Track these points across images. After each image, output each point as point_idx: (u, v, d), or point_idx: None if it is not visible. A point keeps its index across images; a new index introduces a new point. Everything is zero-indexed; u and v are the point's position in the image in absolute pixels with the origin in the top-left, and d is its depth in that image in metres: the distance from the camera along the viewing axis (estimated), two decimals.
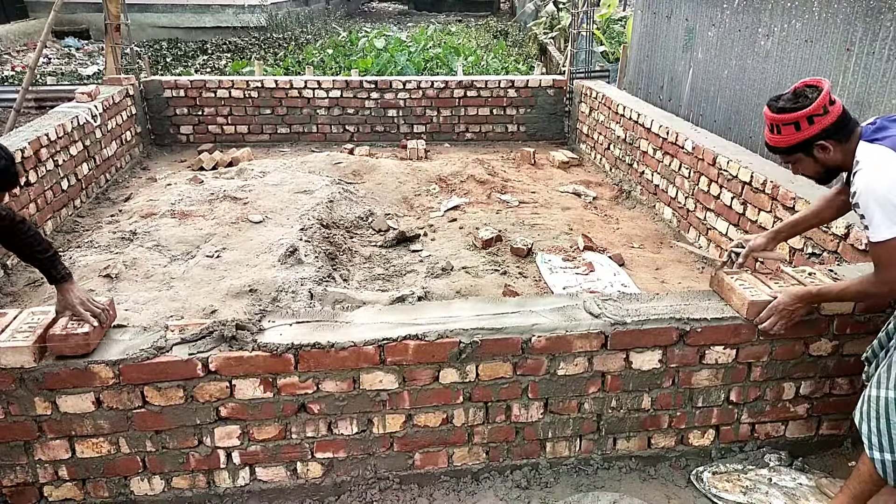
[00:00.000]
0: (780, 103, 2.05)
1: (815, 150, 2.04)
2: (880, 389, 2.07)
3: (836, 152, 2.04)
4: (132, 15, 8.13)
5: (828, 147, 2.02)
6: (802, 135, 2.01)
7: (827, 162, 2.07)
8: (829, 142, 2.02)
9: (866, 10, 3.75)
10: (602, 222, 5.24)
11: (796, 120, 2.00)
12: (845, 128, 2.03)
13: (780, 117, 2.03)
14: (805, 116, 1.99)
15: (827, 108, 2.00)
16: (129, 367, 2.16)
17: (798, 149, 2.06)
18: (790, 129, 2.02)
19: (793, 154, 2.10)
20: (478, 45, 14.80)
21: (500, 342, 2.33)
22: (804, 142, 2.03)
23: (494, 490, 2.52)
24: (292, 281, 3.84)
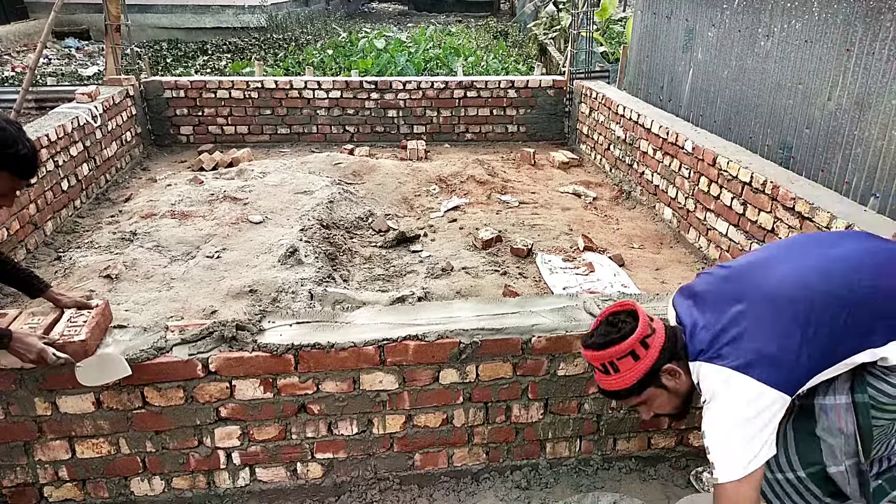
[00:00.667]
0: (599, 339, 1.74)
1: (664, 379, 1.74)
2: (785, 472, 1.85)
3: (685, 375, 1.74)
4: (132, 15, 8.13)
5: (676, 370, 1.73)
6: (645, 364, 1.70)
7: (681, 389, 1.76)
8: (674, 363, 1.73)
9: (866, 10, 3.75)
10: (602, 223, 5.25)
11: (631, 348, 1.69)
12: (677, 340, 1.74)
13: (611, 351, 1.71)
14: (638, 340, 1.69)
15: (652, 327, 1.73)
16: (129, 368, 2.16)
17: (647, 383, 1.73)
18: (627, 361, 1.70)
19: (643, 392, 1.75)
20: (478, 45, 14.81)
21: (501, 342, 2.33)
22: (650, 371, 1.71)
23: (494, 490, 2.52)
24: (292, 281, 3.84)
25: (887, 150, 3.59)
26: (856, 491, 1.83)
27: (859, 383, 1.73)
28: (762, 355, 1.61)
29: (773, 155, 4.54)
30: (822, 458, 1.80)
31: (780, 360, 1.61)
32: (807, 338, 1.63)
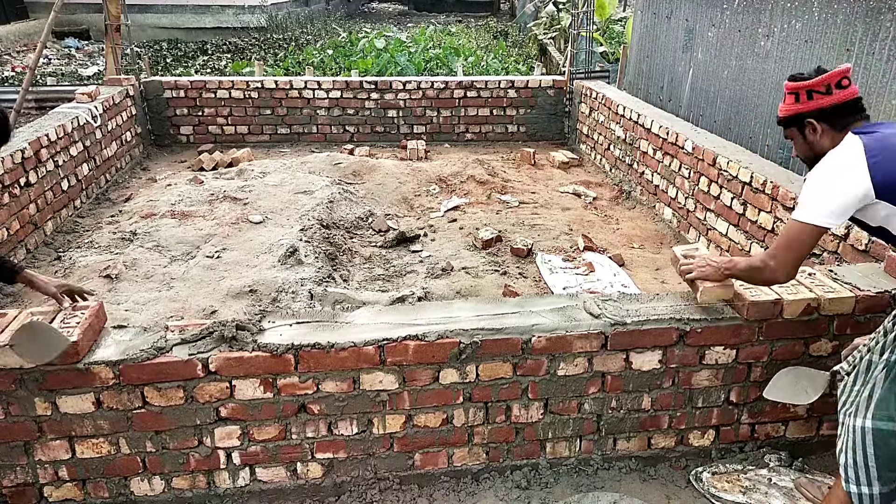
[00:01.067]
0: (797, 73, 2.01)
1: (806, 128, 1.98)
2: (858, 419, 1.96)
3: (825, 137, 1.96)
4: (132, 15, 8.13)
5: (817, 128, 1.96)
6: (797, 107, 1.97)
7: (814, 144, 1.99)
8: (821, 124, 1.95)
9: (866, 10, 3.75)
10: (602, 223, 5.25)
11: (797, 90, 1.96)
12: (844, 116, 1.94)
13: (788, 84, 1.99)
14: (805, 89, 1.94)
15: (831, 89, 1.92)
16: (129, 368, 2.16)
17: (791, 122, 2.01)
18: (791, 98, 1.99)
19: (788, 127, 2.05)
20: (478, 45, 14.81)
21: (500, 342, 2.33)
22: (797, 115, 1.98)
23: (494, 490, 2.52)
24: (292, 281, 3.84)
25: None
26: None
27: None
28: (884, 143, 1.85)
29: (773, 155, 4.54)
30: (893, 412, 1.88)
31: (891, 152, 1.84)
32: None
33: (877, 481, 1.92)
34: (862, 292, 2.48)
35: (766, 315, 2.44)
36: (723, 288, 2.41)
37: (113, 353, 2.17)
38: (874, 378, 1.96)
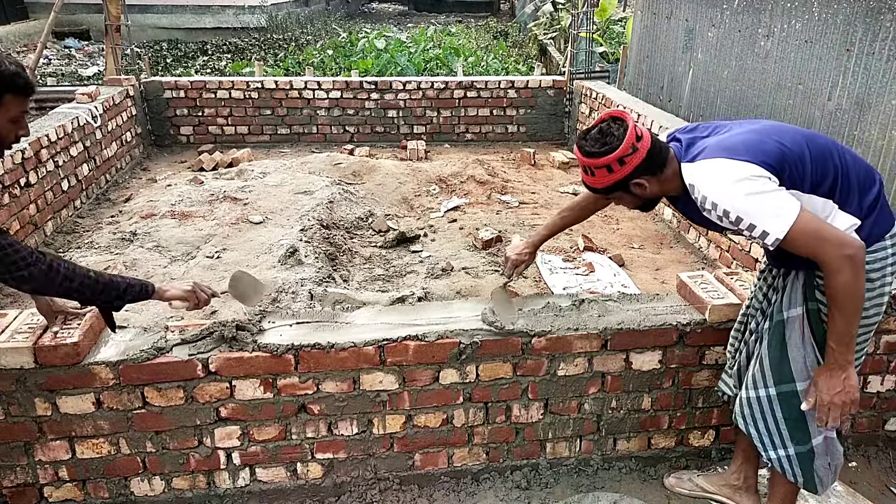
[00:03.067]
0: (588, 146, 1.93)
1: (633, 188, 1.95)
2: (759, 390, 2.05)
3: (653, 185, 1.94)
4: (132, 16, 8.13)
5: (643, 184, 1.93)
6: (615, 176, 1.91)
7: (645, 195, 1.98)
8: (644, 178, 1.92)
9: (866, 10, 3.75)
10: (602, 223, 5.25)
11: (607, 164, 1.89)
12: (658, 159, 1.93)
13: (591, 161, 1.92)
14: (615, 159, 1.88)
15: (635, 146, 1.88)
16: (129, 368, 2.16)
17: (614, 189, 1.97)
18: (602, 172, 1.91)
19: (611, 194, 2.01)
20: (478, 45, 14.81)
21: (501, 342, 2.33)
22: (619, 182, 1.93)
23: (494, 491, 2.52)
24: (292, 281, 3.84)
25: (887, 150, 3.59)
26: None
27: (810, 292, 1.94)
28: (734, 144, 1.83)
29: None
30: (790, 373, 1.98)
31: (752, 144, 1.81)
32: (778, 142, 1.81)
33: (790, 442, 2.02)
34: None
35: None
36: (730, 306, 2.40)
37: (113, 353, 2.18)
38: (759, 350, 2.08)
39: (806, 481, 2.05)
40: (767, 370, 2.04)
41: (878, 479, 2.64)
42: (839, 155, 1.87)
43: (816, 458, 2.01)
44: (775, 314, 2.03)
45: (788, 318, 1.99)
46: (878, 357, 2.60)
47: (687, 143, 1.96)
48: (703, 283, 2.54)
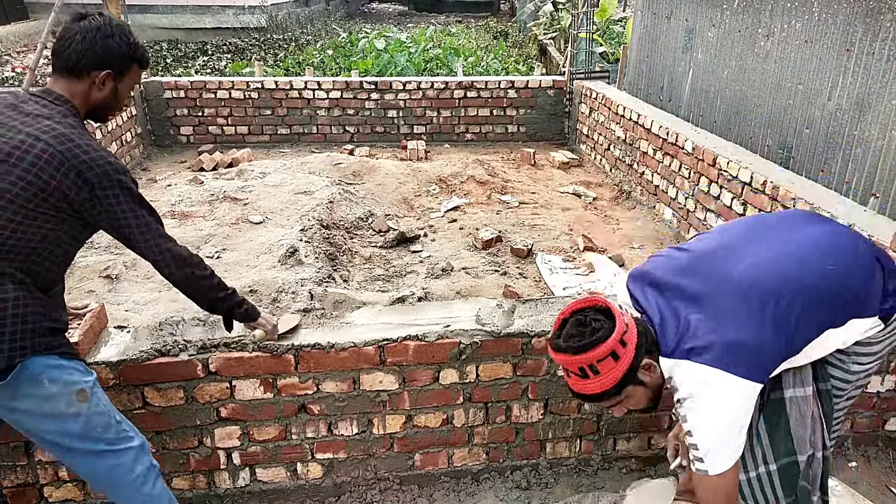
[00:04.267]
0: (574, 342, 1.64)
1: (641, 375, 1.69)
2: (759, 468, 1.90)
3: (656, 366, 1.71)
4: (132, 16, 8.13)
5: (652, 364, 1.69)
6: (624, 363, 1.64)
7: (654, 383, 1.72)
8: (649, 357, 1.69)
9: (866, 10, 3.75)
10: (602, 223, 5.25)
11: (612, 349, 1.62)
12: (647, 333, 1.71)
13: (590, 355, 1.62)
14: (618, 340, 1.62)
15: (626, 322, 1.66)
16: (129, 368, 2.16)
17: (625, 382, 1.67)
18: (608, 362, 1.62)
19: (621, 391, 1.69)
20: (478, 45, 14.81)
21: (501, 343, 2.33)
22: (629, 371, 1.65)
23: (494, 491, 2.52)
24: (292, 281, 3.84)
25: (887, 151, 3.59)
26: (815, 479, 1.93)
27: (821, 372, 1.88)
28: (737, 349, 1.60)
29: (773, 155, 4.54)
30: (794, 449, 1.87)
31: (755, 352, 1.62)
32: (778, 326, 1.64)
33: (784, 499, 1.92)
34: None
35: None
36: None
37: (113, 353, 2.18)
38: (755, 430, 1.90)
39: None
40: (767, 447, 1.89)
41: (878, 479, 2.64)
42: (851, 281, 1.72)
43: None
44: (771, 392, 1.88)
45: (792, 397, 1.85)
46: None
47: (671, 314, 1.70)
48: None
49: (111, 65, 1.80)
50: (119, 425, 1.86)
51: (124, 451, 1.85)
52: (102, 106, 1.85)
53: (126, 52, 1.82)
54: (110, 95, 1.84)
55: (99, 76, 1.79)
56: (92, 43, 1.77)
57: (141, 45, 1.87)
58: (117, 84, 1.84)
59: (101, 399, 1.82)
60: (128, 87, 1.88)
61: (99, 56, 1.78)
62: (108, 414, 1.83)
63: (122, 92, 1.87)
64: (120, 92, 1.86)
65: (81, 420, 1.76)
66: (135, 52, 1.84)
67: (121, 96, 1.87)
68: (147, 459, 1.92)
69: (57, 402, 1.73)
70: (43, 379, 1.70)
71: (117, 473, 1.85)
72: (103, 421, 1.81)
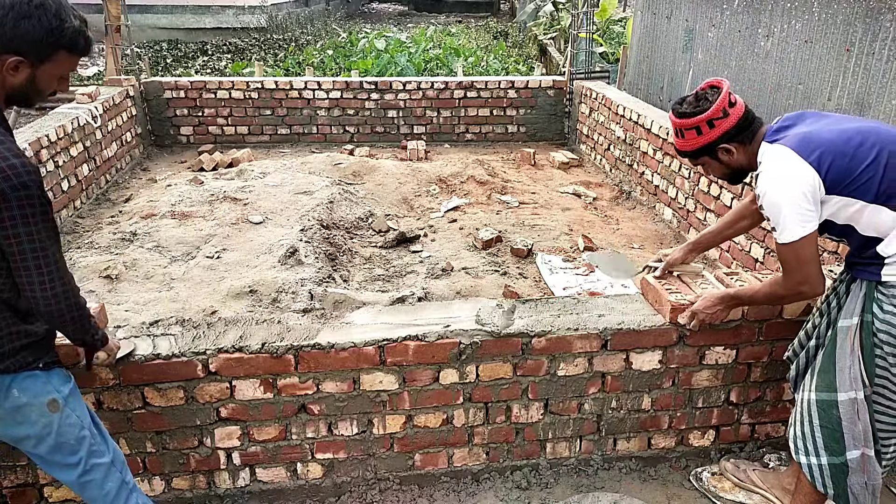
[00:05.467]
0: (683, 107, 2.03)
1: (720, 154, 2.03)
2: (805, 392, 2.06)
3: (741, 154, 2.02)
4: (132, 16, 8.13)
5: (731, 150, 2.01)
6: (704, 139, 2.00)
7: (732, 164, 2.05)
8: (732, 144, 2.00)
9: (866, 10, 3.75)
10: (602, 223, 5.25)
11: (697, 124, 1.99)
12: (748, 129, 2.01)
13: (682, 122, 2.02)
14: (705, 121, 1.97)
15: (727, 111, 1.97)
16: (129, 368, 2.16)
17: (702, 152, 2.05)
18: (692, 133, 2.01)
19: (698, 158, 2.08)
20: (478, 45, 14.81)
21: (501, 343, 2.33)
22: (707, 146, 2.02)
23: (494, 491, 2.52)
24: (292, 282, 3.84)
25: None
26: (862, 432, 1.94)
27: (868, 304, 1.92)
28: (808, 137, 1.88)
29: None
30: (834, 382, 1.97)
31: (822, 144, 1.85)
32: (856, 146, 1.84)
33: (824, 451, 2.00)
34: None
35: (766, 315, 2.44)
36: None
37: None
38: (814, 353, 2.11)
39: (837, 495, 2.00)
40: (815, 375, 2.03)
41: None
42: None
43: (851, 473, 1.97)
44: (837, 321, 2.02)
45: (843, 326, 1.98)
46: None
47: (780, 126, 2.00)
48: (704, 284, 2.54)
49: (24, 50, 1.52)
50: (92, 438, 1.81)
51: (95, 468, 1.81)
52: (20, 93, 1.59)
53: (45, 38, 1.52)
54: (26, 83, 1.57)
55: (8, 61, 1.52)
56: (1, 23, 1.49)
57: (75, 27, 1.57)
58: (35, 71, 1.56)
59: (74, 411, 1.77)
60: (52, 75, 1.60)
61: (9, 39, 1.50)
62: (80, 426, 1.78)
63: (43, 81, 1.59)
64: (39, 80, 1.58)
65: (52, 431, 1.73)
66: (60, 38, 1.54)
67: (41, 85, 1.60)
68: (118, 476, 1.86)
69: (28, 412, 1.70)
70: (13, 389, 1.67)
71: (88, 487, 1.83)
72: (74, 433, 1.77)
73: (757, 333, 2.46)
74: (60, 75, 1.63)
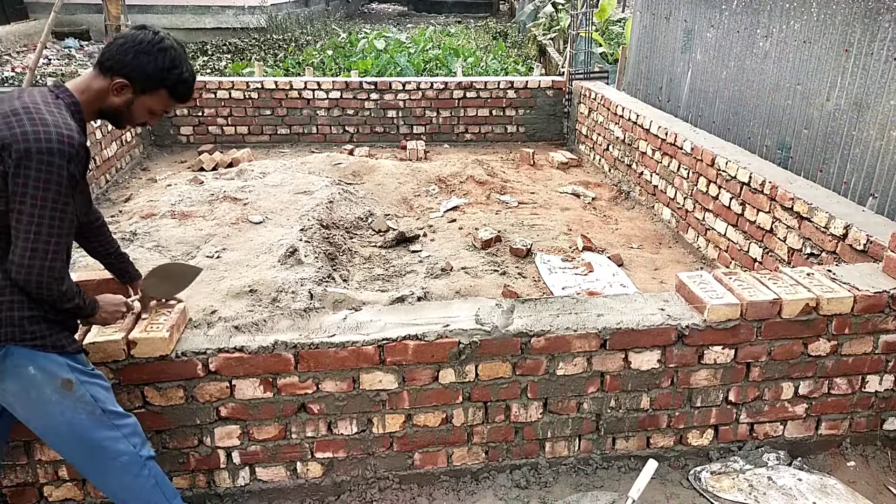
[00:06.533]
0: None
1: None
2: None
3: None
4: (132, 16, 8.14)
5: None
6: None
7: None
8: None
9: (864, 11, 3.75)
10: (601, 223, 5.25)
11: None
12: None
13: None
14: None
15: None
16: (129, 368, 2.16)
17: None
18: None
19: None
20: (477, 46, 14.81)
21: (500, 342, 2.34)
22: None
23: (494, 490, 2.52)
24: (292, 281, 3.85)
25: (886, 151, 3.59)
26: None
27: None
28: None
29: (771, 155, 4.54)
30: None
31: None
32: None
33: None
34: (860, 292, 2.49)
35: (765, 315, 2.45)
36: (728, 306, 2.41)
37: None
38: None
39: None
40: None
41: (877, 478, 2.65)
42: None
43: None
44: None
45: None
46: (876, 356, 2.60)
47: None
48: (702, 283, 2.55)
49: (133, 78, 1.78)
50: (105, 417, 1.86)
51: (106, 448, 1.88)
52: (115, 113, 1.84)
53: (154, 74, 1.79)
54: (124, 106, 1.82)
55: (116, 82, 1.78)
56: (126, 51, 1.77)
57: (183, 77, 1.84)
58: (135, 98, 1.81)
59: (89, 391, 1.83)
60: (146, 107, 1.85)
61: (125, 65, 1.77)
62: (97, 406, 1.84)
63: (139, 109, 1.84)
64: (135, 107, 1.83)
65: (67, 410, 1.79)
66: (166, 79, 1.81)
67: (136, 113, 1.85)
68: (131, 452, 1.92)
69: (42, 390, 1.76)
70: (29, 365, 1.74)
71: (99, 467, 1.90)
72: (88, 410, 1.83)
73: (755, 333, 2.47)
74: (153, 110, 1.87)
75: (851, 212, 3.37)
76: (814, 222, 3.42)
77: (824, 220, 3.34)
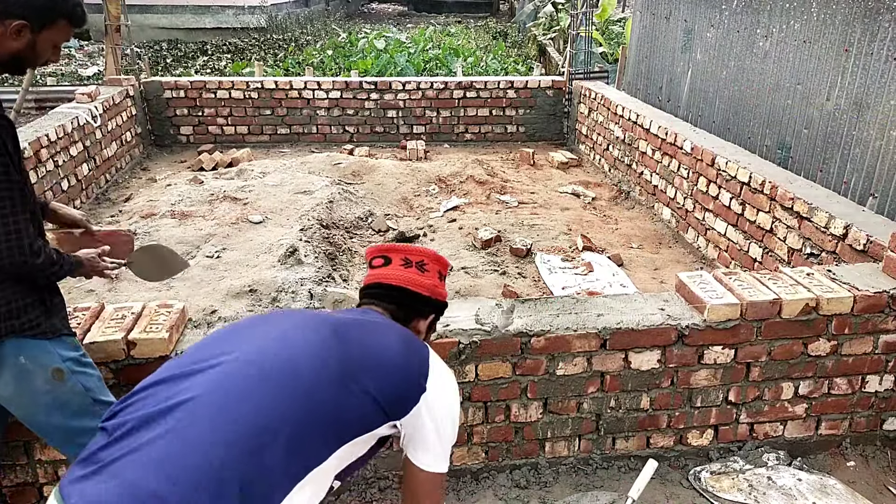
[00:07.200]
0: None
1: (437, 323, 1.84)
2: None
3: None
4: (132, 16, 8.14)
5: None
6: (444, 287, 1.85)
7: None
8: None
9: (864, 11, 3.75)
10: (601, 223, 5.25)
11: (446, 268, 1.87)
12: None
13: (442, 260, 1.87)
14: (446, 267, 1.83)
15: None
16: (129, 368, 2.16)
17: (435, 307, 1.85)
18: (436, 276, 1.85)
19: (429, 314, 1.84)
20: (477, 46, 14.81)
21: (500, 342, 2.34)
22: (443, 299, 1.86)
23: (494, 490, 2.52)
24: (292, 281, 3.85)
25: (885, 151, 3.59)
26: None
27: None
28: None
29: (771, 155, 4.55)
30: None
31: None
32: None
33: None
34: (860, 292, 2.49)
35: (765, 315, 2.45)
36: (728, 306, 2.41)
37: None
38: None
39: None
40: None
41: (877, 478, 2.65)
42: None
43: None
44: None
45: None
46: (876, 356, 2.60)
47: None
48: (702, 283, 2.54)
49: (29, 15, 1.61)
50: (98, 406, 1.81)
51: None
52: (19, 58, 1.68)
53: (49, 4, 1.64)
54: (27, 48, 1.65)
55: (11, 25, 1.60)
56: None
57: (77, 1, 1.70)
58: (36, 37, 1.65)
59: (80, 381, 1.80)
60: (50, 42, 1.69)
61: (12, 4, 1.60)
62: (87, 397, 1.81)
63: (42, 47, 1.68)
64: (39, 46, 1.67)
65: (58, 398, 1.76)
66: (62, 7, 1.67)
67: (40, 51, 1.69)
68: None
69: (33, 379, 1.74)
70: (19, 355, 1.72)
71: None
72: (78, 401, 1.79)
73: (755, 333, 2.47)
74: (56, 43, 1.72)
75: (851, 212, 3.37)
76: (814, 222, 3.42)
77: (824, 219, 3.34)
